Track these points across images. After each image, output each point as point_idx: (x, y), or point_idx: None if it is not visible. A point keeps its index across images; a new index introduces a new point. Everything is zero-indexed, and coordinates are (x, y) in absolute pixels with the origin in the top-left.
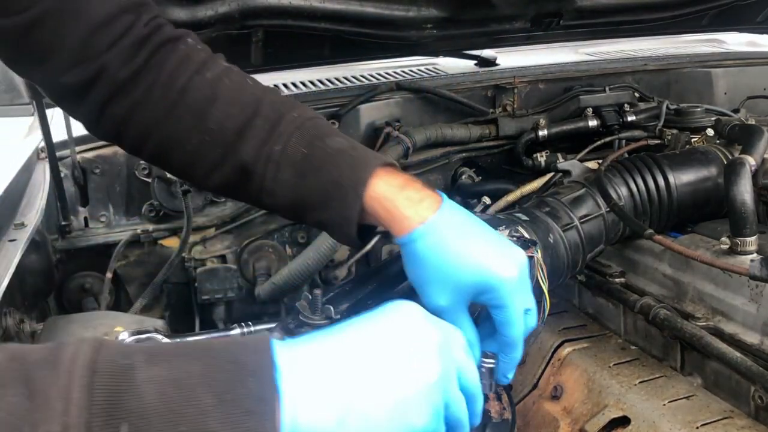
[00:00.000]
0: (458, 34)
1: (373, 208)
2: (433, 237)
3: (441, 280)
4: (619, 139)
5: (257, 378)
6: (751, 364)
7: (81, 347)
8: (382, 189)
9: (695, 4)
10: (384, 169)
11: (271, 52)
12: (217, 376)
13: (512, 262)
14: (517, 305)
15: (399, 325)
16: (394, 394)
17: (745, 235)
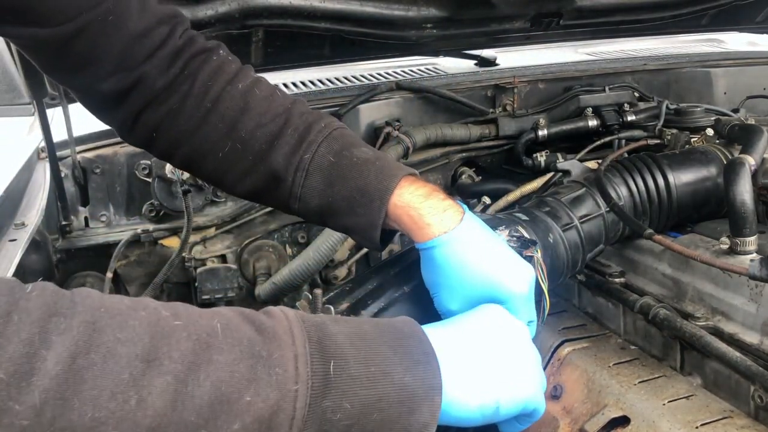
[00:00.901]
0: (458, 34)
1: (397, 215)
2: (452, 246)
3: (455, 287)
4: (619, 138)
5: (416, 339)
6: (750, 363)
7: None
8: (407, 198)
9: (695, 4)
10: (408, 179)
11: (271, 51)
12: (386, 334)
13: (523, 278)
14: (522, 318)
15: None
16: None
17: (745, 234)
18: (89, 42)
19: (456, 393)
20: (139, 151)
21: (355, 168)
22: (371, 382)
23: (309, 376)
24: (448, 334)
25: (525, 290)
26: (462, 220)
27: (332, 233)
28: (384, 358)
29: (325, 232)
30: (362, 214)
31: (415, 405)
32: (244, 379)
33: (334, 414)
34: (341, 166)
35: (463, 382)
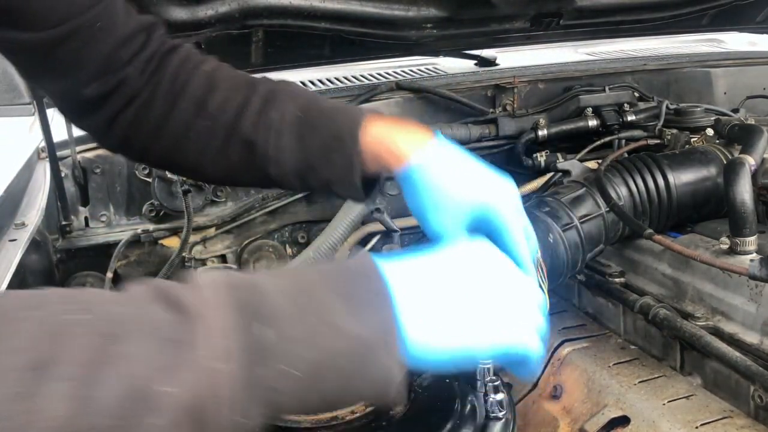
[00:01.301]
0: (458, 34)
1: (371, 150)
2: (431, 167)
3: (439, 205)
4: (619, 138)
5: (366, 277)
6: (750, 363)
7: (209, 272)
8: (377, 130)
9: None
10: (373, 116)
11: (271, 52)
12: (333, 281)
13: (504, 188)
14: (515, 227)
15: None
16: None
17: (745, 234)
18: (75, 47)
19: (420, 335)
20: None
21: (323, 117)
22: (318, 340)
23: (241, 350)
24: (412, 268)
25: (508, 200)
26: (433, 142)
27: (332, 233)
28: (330, 308)
29: (325, 232)
30: (338, 160)
31: (371, 354)
32: (161, 368)
33: (280, 383)
34: (309, 118)
35: (428, 322)
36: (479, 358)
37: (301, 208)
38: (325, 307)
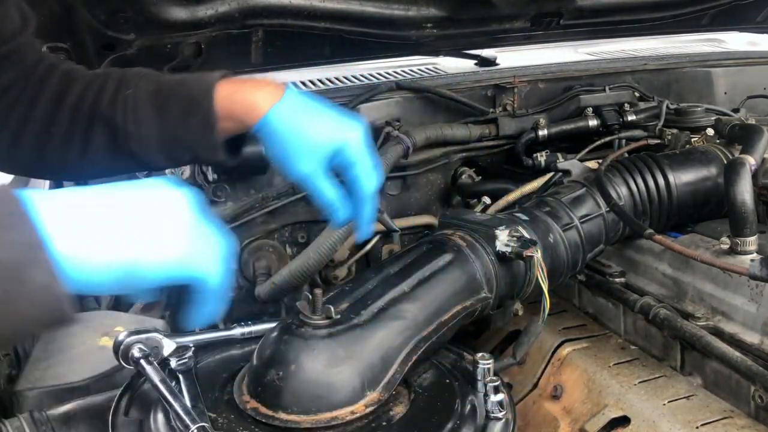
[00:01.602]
0: (458, 34)
1: (226, 108)
2: (285, 113)
3: (299, 149)
4: (619, 138)
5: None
6: (751, 363)
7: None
8: (229, 87)
9: (695, 3)
10: (226, 78)
11: (271, 51)
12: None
13: (355, 124)
14: (366, 162)
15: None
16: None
17: (745, 234)
18: None
19: (72, 248)
20: None
21: (176, 86)
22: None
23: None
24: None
25: (359, 133)
26: (286, 92)
27: (332, 233)
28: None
29: (325, 232)
30: (196, 123)
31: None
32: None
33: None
34: (163, 90)
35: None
36: (147, 277)
37: (301, 208)
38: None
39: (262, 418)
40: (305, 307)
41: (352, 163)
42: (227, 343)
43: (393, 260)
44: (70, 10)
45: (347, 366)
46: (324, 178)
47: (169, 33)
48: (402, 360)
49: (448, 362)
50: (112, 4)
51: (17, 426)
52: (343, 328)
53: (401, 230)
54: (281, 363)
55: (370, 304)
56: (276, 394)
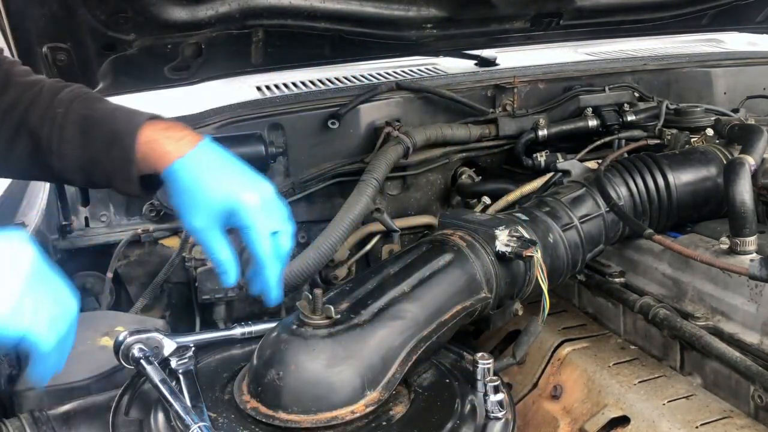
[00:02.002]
0: (458, 34)
1: (144, 152)
2: (190, 168)
3: (196, 204)
4: (619, 138)
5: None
6: (750, 363)
7: None
8: (148, 133)
9: (695, 4)
10: (153, 120)
11: (271, 52)
12: None
13: (255, 190)
14: (260, 226)
15: None
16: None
17: (745, 234)
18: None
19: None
20: None
21: (107, 115)
22: None
23: None
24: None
25: (256, 200)
26: (198, 145)
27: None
28: None
29: (325, 232)
30: (117, 156)
31: None
32: None
33: None
34: (94, 115)
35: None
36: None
37: (301, 208)
38: None
39: (262, 417)
40: (305, 307)
41: (245, 226)
42: (227, 343)
43: (393, 260)
44: (70, 10)
45: (347, 366)
46: (215, 236)
47: (169, 33)
48: (402, 360)
49: (448, 362)
50: (113, 4)
51: (18, 426)
52: (343, 328)
53: (401, 230)
54: (281, 363)
55: (370, 304)
56: (276, 393)
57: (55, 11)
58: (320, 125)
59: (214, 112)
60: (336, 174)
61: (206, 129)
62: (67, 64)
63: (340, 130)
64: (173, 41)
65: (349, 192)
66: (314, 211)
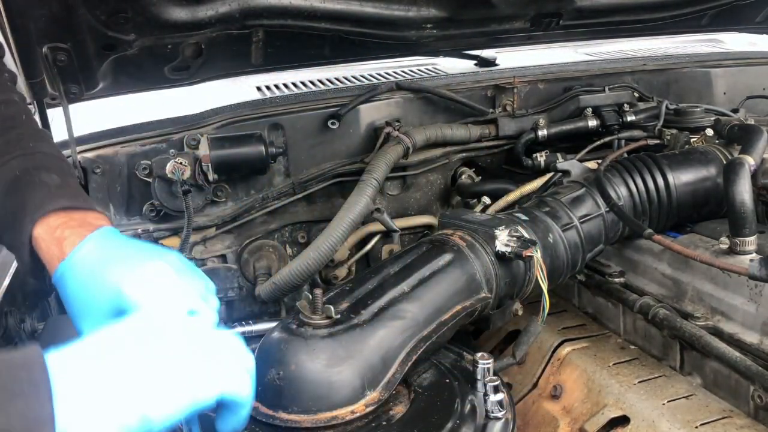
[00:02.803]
0: (458, 34)
1: (38, 244)
2: (71, 274)
3: (84, 311)
4: (619, 139)
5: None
6: (750, 363)
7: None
8: (40, 230)
9: (695, 4)
10: (59, 212)
11: (271, 52)
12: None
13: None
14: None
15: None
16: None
17: (745, 234)
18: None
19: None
20: (140, 150)
21: (30, 188)
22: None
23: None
24: (78, 353)
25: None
26: (81, 245)
27: (332, 233)
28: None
29: (325, 232)
30: (17, 231)
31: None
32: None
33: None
34: (22, 183)
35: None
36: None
37: (301, 208)
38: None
39: (262, 417)
40: (305, 307)
41: None
42: None
43: (393, 260)
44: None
45: (347, 366)
46: None
47: (169, 33)
48: (402, 360)
49: (448, 362)
50: (113, 4)
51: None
52: (343, 327)
53: (401, 230)
54: (281, 363)
55: (370, 303)
56: (276, 393)
57: (55, 11)
58: (320, 125)
59: (214, 112)
60: (336, 174)
61: (206, 129)
62: (67, 64)
63: (340, 130)
64: (173, 41)
65: (349, 192)
66: (314, 211)
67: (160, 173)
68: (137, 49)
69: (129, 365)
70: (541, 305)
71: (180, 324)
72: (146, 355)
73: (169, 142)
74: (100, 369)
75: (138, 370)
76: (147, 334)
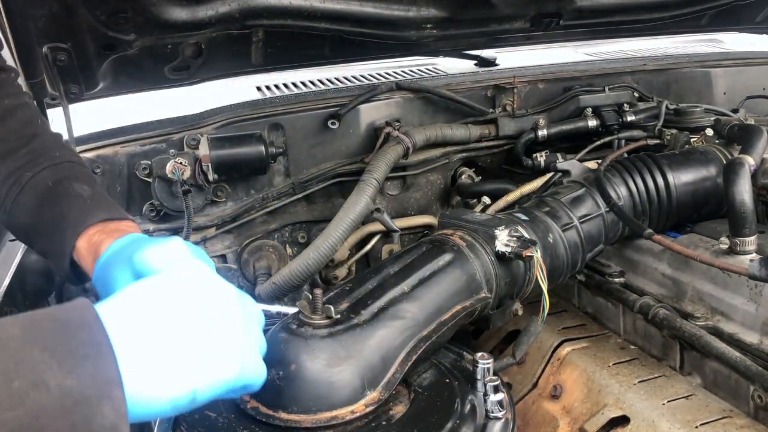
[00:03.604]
0: (458, 34)
1: (81, 254)
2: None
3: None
4: (619, 139)
5: (84, 328)
6: (750, 363)
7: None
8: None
9: (695, 4)
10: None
11: (271, 52)
12: (38, 334)
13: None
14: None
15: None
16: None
17: (745, 234)
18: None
19: (140, 386)
20: (140, 150)
21: (67, 198)
22: (17, 401)
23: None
24: (129, 312)
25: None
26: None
27: (332, 233)
28: (33, 365)
29: (325, 232)
30: (57, 241)
31: (90, 409)
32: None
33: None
34: (56, 193)
35: (149, 370)
36: (200, 401)
37: (301, 208)
38: (28, 364)
39: (262, 417)
40: (305, 306)
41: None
42: None
43: (393, 260)
44: (70, 10)
45: (347, 366)
46: None
47: (169, 33)
48: (402, 360)
49: (448, 362)
50: (113, 4)
51: None
52: (343, 327)
53: (401, 230)
54: (281, 362)
55: (370, 303)
56: (276, 393)
57: (55, 11)
58: (320, 125)
59: (214, 112)
60: (336, 174)
61: (206, 129)
62: (67, 64)
63: (340, 130)
64: (173, 41)
65: (349, 192)
66: (314, 211)
67: (160, 173)
68: (137, 49)
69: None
70: (541, 305)
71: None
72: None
73: (169, 142)
74: (153, 325)
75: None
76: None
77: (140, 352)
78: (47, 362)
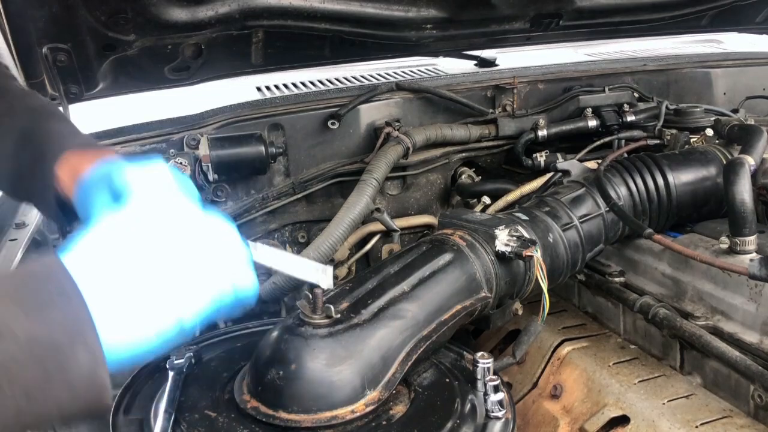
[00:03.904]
0: (458, 35)
1: (65, 184)
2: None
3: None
4: (619, 139)
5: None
6: (750, 363)
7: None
8: (62, 171)
9: (695, 4)
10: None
11: (271, 52)
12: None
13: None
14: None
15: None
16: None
17: (745, 234)
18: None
19: (117, 328)
20: (140, 150)
21: (43, 135)
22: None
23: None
24: (95, 255)
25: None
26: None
27: (332, 233)
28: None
29: (326, 232)
30: (38, 176)
31: (63, 355)
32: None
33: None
34: (33, 132)
35: (122, 311)
36: (191, 326)
37: (301, 207)
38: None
39: (262, 417)
40: (305, 306)
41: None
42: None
43: (393, 260)
44: (70, 10)
45: (347, 365)
46: None
47: (169, 34)
48: (402, 359)
49: (448, 362)
50: (113, 4)
51: None
52: (343, 327)
53: (401, 230)
54: (282, 362)
55: (371, 303)
56: (276, 393)
57: (55, 11)
58: (320, 125)
59: (214, 112)
60: (336, 174)
61: (206, 129)
62: (67, 65)
63: (340, 130)
64: (173, 42)
65: (349, 192)
66: (314, 211)
67: None
68: (137, 49)
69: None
70: (541, 305)
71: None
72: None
73: (169, 142)
74: (121, 264)
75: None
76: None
77: (111, 293)
78: (14, 312)
